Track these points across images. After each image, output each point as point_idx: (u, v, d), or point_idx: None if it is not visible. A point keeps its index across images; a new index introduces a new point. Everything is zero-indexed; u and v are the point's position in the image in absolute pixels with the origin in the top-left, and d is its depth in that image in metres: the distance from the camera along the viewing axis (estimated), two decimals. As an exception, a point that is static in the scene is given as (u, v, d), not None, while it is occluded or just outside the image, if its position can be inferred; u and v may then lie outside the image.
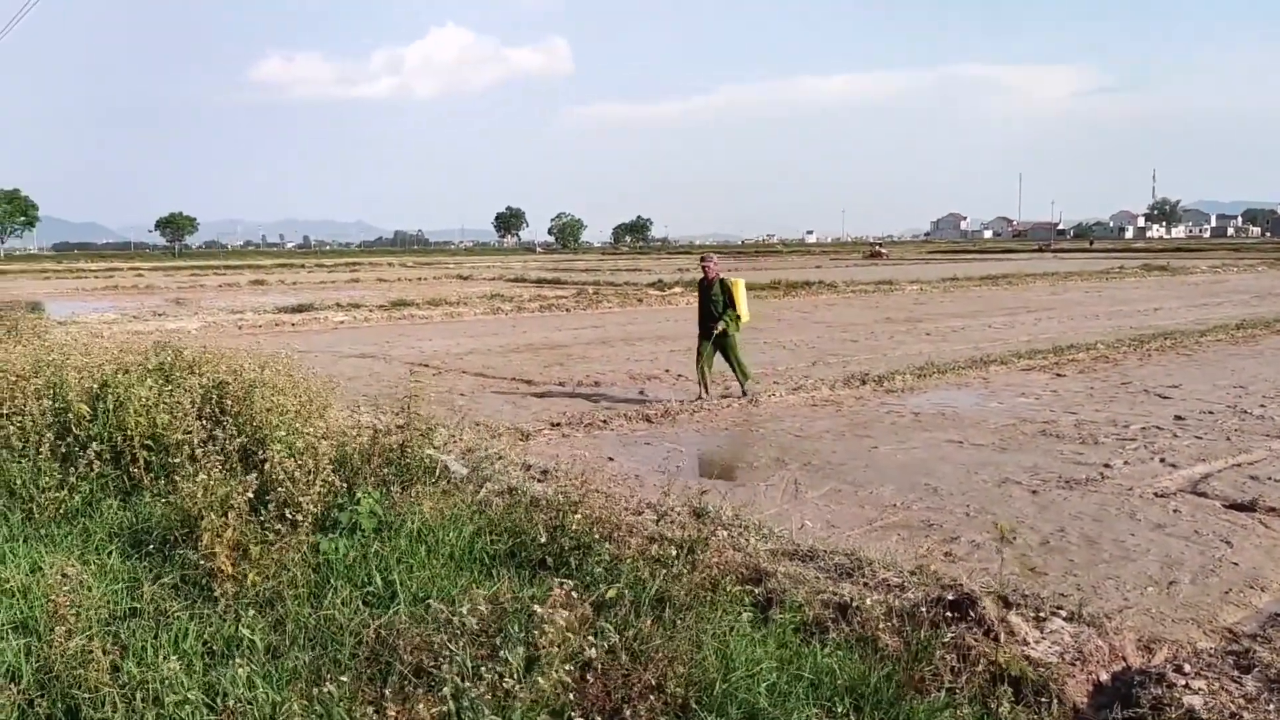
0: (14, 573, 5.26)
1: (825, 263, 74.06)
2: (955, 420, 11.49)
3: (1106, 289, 37.47)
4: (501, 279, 50.90)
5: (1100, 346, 17.76)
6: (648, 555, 5.49)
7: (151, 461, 7.11)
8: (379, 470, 6.81)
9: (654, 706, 3.81)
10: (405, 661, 3.98)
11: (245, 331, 22.85)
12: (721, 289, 12.83)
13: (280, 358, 9.11)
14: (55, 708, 3.91)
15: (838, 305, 30.44)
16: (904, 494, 8.19)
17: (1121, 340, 18.70)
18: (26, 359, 8.91)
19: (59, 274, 63.83)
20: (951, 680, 4.38)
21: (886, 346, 18.78)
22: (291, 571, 5.14)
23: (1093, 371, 15.36)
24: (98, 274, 62.22)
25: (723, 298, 12.77)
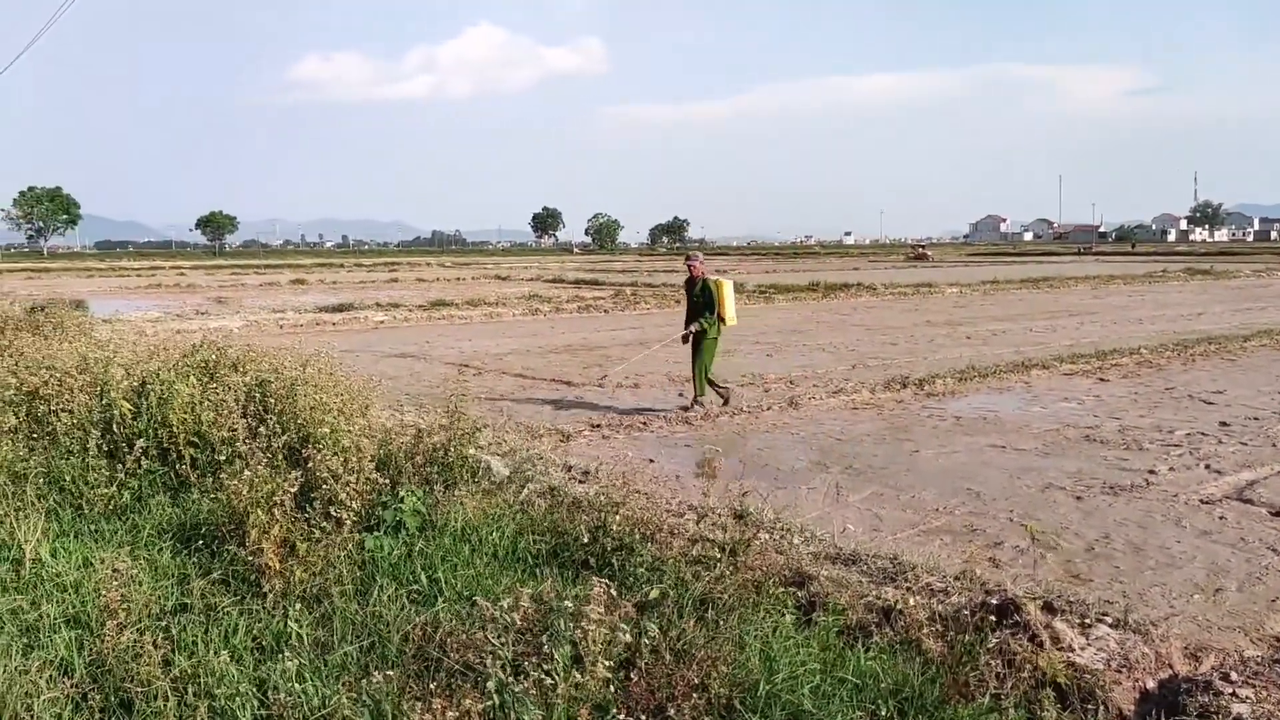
0: (65, 567, 5.36)
1: (863, 264, 73.60)
2: (997, 425, 11.37)
3: (1149, 293, 36.91)
4: (539, 279, 51.10)
5: (1144, 351, 17.49)
6: (690, 557, 5.50)
7: (197, 458, 7.21)
8: (422, 469, 6.87)
9: (697, 706, 3.81)
10: (451, 658, 4.01)
11: (286, 330, 23.11)
12: (704, 289, 12.35)
13: (322, 356, 9.20)
14: (109, 701, 3.98)
15: (877, 308, 30.22)
16: (946, 498, 8.12)
17: (1165, 345, 18.39)
18: (73, 356, 9.07)
19: (101, 272, 64.84)
20: (996, 686, 4.34)
21: (926, 349, 18.62)
22: (337, 568, 5.21)
23: (1136, 376, 15.15)
24: (140, 272, 63.21)
25: (703, 298, 12.31)
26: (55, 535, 5.93)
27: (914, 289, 37.26)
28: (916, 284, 39.62)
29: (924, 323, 24.41)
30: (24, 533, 5.59)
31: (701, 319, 12.18)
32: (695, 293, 12.38)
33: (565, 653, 3.80)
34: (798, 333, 22.20)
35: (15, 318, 17.43)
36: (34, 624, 4.68)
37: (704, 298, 12.26)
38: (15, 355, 9.85)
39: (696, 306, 12.32)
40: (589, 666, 3.73)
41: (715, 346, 12.43)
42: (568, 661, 3.79)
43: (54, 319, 17.29)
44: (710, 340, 12.27)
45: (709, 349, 12.28)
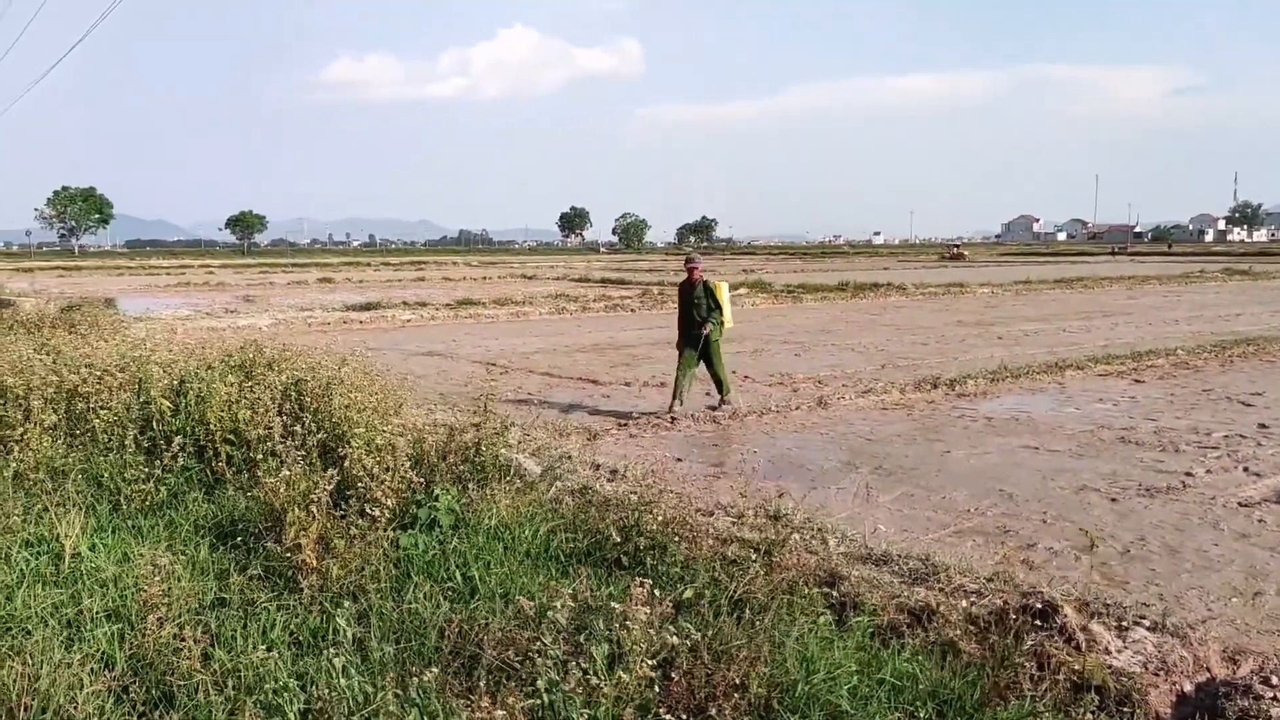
0: (105, 562, 5.43)
1: (893, 264, 73.23)
2: (1030, 426, 11.28)
3: (1186, 293, 36.49)
4: (566, 279, 51.20)
5: (1180, 352, 17.30)
6: (723, 556, 5.50)
7: (233, 456, 7.28)
8: (455, 467, 6.90)
9: (738, 705, 3.81)
10: (489, 655, 4.03)
11: (314, 329, 23.28)
12: (705, 291, 12.22)
13: (356, 355, 9.27)
14: (150, 694, 4.02)
15: (907, 307, 30.06)
16: (978, 499, 8.07)
17: (1202, 346, 18.18)
18: (112, 355, 9.18)
19: (132, 271, 65.55)
20: (1032, 688, 4.31)
21: (957, 350, 18.50)
22: (373, 566, 5.24)
23: (1173, 378, 14.98)
24: (169, 271, 63.90)
25: (706, 300, 12.16)
26: (94, 530, 6.00)
27: (944, 289, 37.04)
28: (947, 284, 39.39)
29: (955, 323, 24.26)
30: (64, 528, 5.67)
31: (710, 320, 12.08)
32: (696, 295, 12.20)
33: (604, 652, 3.80)
34: (826, 332, 22.12)
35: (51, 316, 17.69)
36: (75, 618, 4.73)
37: (710, 300, 12.15)
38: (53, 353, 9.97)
39: (698, 309, 12.13)
40: (632, 666, 3.73)
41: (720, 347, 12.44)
42: (605, 661, 3.80)
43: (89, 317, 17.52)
44: (716, 342, 12.25)
45: (719, 350, 12.28)
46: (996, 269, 61.90)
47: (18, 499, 6.22)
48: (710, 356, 12.23)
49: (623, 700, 3.67)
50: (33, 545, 5.67)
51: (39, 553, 5.57)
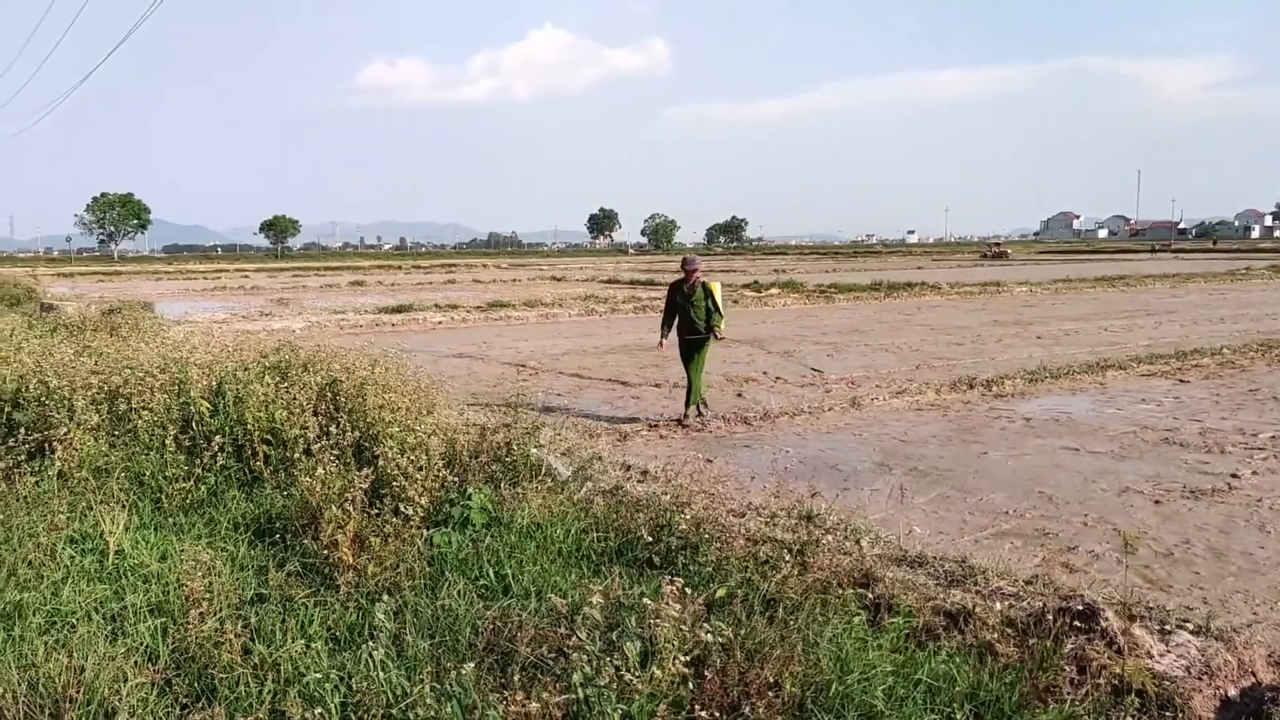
0: (147, 558, 5.51)
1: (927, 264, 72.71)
2: (1070, 427, 11.16)
3: (1231, 291, 35.94)
4: (595, 280, 51.29)
5: (1226, 351, 17.03)
6: (755, 556, 5.49)
7: (271, 455, 7.36)
8: (487, 466, 6.95)
9: (771, 704, 3.80)
10: (523, 652, 4.05)
11: (347, 331, 23.49)
12: (705, 294, 11.86)
13: (388, 356, 9.35)
14: (192, 687, 4.08)
15: (942, 307, 29.83)
16: (1016, 501, 7.99)
17: (1249, 345, 17.89)
18: (153, 356, 9.31)
19: (169, 275, 66.50)
20: (1072, 692, 4.27)
21: (994, 350, 18.34)
22: (408, 563, 5.29)
23: (1218, 377, 14.76)
24: (206, 275, 64.73)
25: (706, 302, 11.81)
26: (137, 528, 6.10)
27: (980, 288, 36.72)
28: (983, 283, 39.04)
29: (991, 322, 24.05)
30: (108, 525, 5.76)
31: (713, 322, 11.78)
32: (695, 298, 11.83)
33: (636, 649, 3.81)
34: (859, 332, 22.00)
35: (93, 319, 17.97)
36: (119, 613, 4.82)
37: (709, 301, 11.82)
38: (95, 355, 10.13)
39: (695, 310, 11.78)
40: (665, 663, 3.74)
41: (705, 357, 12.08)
42: (637, 658, 3.80)
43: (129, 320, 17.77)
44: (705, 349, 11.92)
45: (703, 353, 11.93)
46: (1035, 267, 61.32)
47: (63, 497, 6.32)
48: (695, 359, 11.86)
49: (656, 697, 3.68)
50: (78, 542, 5.78)
51: (84, 549, 5.68)
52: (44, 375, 8.32)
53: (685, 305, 11.88)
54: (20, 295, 31.62)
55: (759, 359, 17.55)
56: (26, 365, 8.94)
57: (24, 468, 6.68)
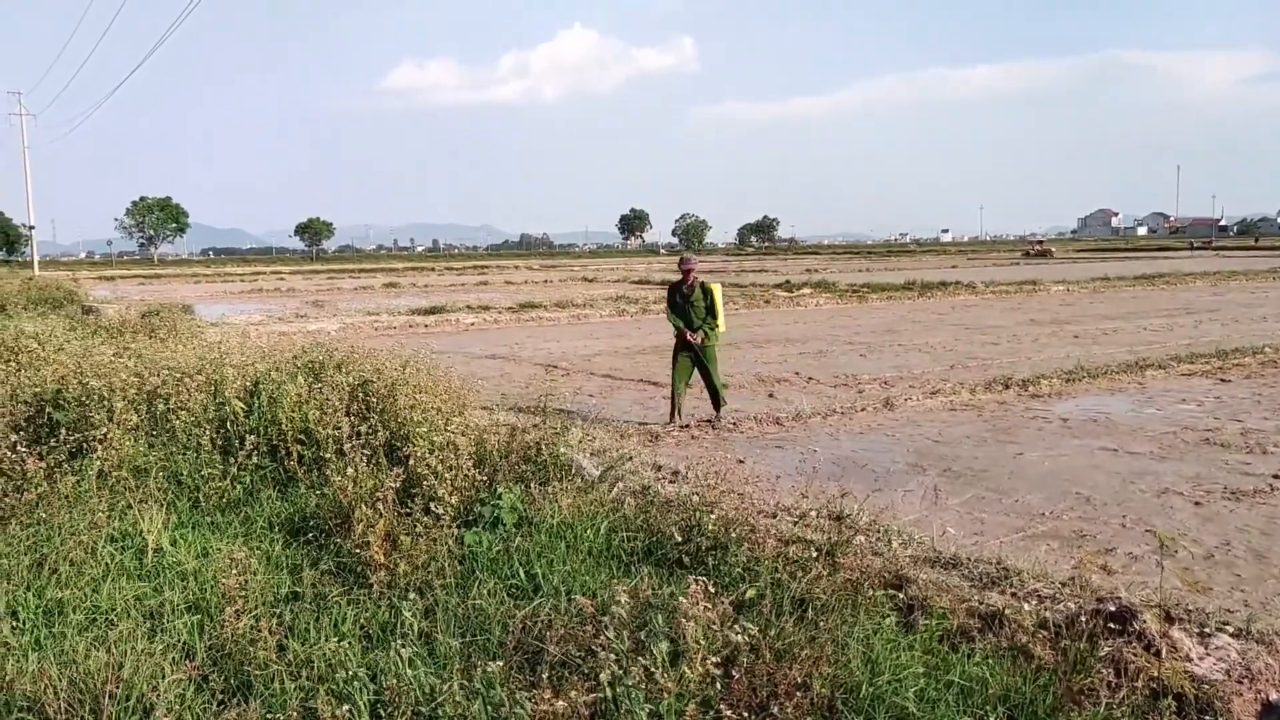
0: (184, 556, 5.59)
1: (962, 262, 72.11)
2: (1108, 427, 11.02)
3: (1274, 289, 35.36)
4: (626, 281, 51.33)
5: (1268, 350, 16.75)
6: (785, 557, 5.47)
7: (304, 455, 7.44)
8: (516, 467, 6.97)
9: (800, 704, 3.79)
10: (552, 650, 4.06)
11: (381, 333, 23.68)
12: (704, 294, 11.58)
13: (420, 357, 9.41)
14: (228, 683, 4.14)
15: (976, 306, 29.58)
16: (1053, 503, 7.90)
17: (1291, 343, 17.59)
18: (190, 358, 9.43)
19: (207, 278, 67.33)
20: (1109, 695, 4.22)
21: (1030, 349, 18.15)
22: (439, 562, 5.32)
23: (1260, 377, 14.52)
24: (243, 277, 65.51)
25: (704, 304, 11.53)
26: (175, 526, 6.20)
27: (1016, 287, 36.38)
28: (1019, 282, 38.69)
29: (1027, 321, 23.81)
30: (146, 524, 5.86)
31: (704, 325, 11.51)
32: (693, 298, 11.57)
33: (665, 648, 3.81)
34: (892, 332, 21.87)
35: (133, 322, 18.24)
36: (157, 609, 4.90)
37: (707, 301, 11.56)
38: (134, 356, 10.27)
39: (694, 311, 11.54)
40: (694, 662, 3.74)
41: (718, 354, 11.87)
42: (666, 657, 3.80)
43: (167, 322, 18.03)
44: (712, 348, 11.66)
45: (714, 355, 11.66)
46: (1072, 265, 60.68)
47: (103, 496, 6.43)
48: (706, 365, 11.57)
49: (684, 696, 3.68)
50: (117, 540, 5.88)
51: (123, 547, 5.78)
52: (84, 376, 8.45)
53: (684, 306, 11.64)
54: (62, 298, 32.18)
55: (791, 359, 17.49)
56: (67, 366, 9.09)
57: (65, 467, 6.79)
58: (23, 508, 6.27)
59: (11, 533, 6.00)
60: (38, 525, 6.06)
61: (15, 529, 6.05)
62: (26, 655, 4.26)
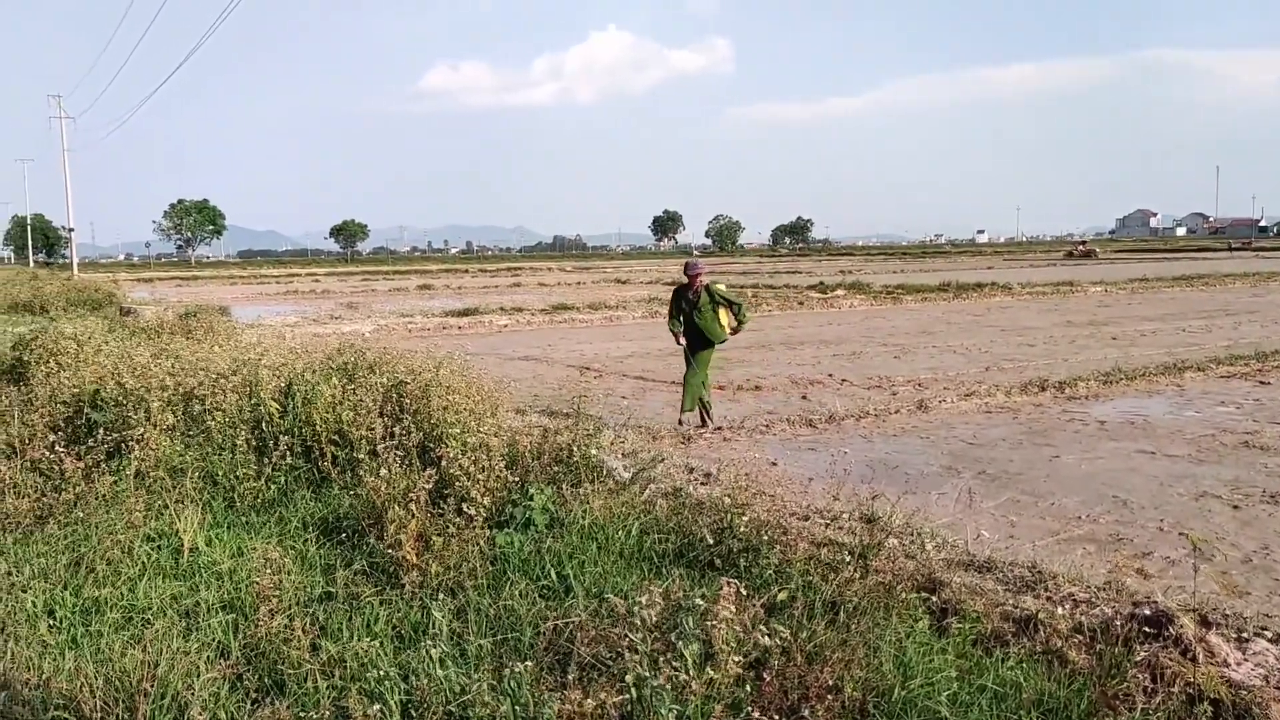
0: (220, 556, 5.65)
1: (998, 263, 71.43)
2: (1146, 430, 10.87)
3: (1315, 290, 34.75)
4: (659, 282, 51.27)
5: (1309, 352, 16.46)
6: (817, 559, 5.44)
7: (338, 456, 7.50)
8: (548, 468, 6.99)
9: (831, 708, 3.76)
10: (582, 652, 4.07)
11: (415, 334, 23.83)
12: (710, 297, 11.29)
13: (453, 359, 9.45)
14: (262, 681, 4.18)
15: (1013, 308, 29.30)
16: (1090, 506, 7.80)
17: (1333, 346, 17.26)
18: (225, 359, 9.54)
19: (244, 279, 68.16)
20: (1145, 701, 4.16)
21: (1067, 351, 17.95)
22: (470, 563, 5.34)
23: (1300, 378, 14.26)
24: (278, 279, 66.21)
25: (712, 306, 11.26)
26: (210, 526, 6.27)
27: (1053, 288, 36.01)
28: (1056, 283, 38.27)
29: (1064, 323, 23.55)
30: (182, 523, 5.93)
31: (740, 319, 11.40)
32: (700, 303, 11.26)
33: (695, 650, 3.80)
34: (927, 334, 21.70)
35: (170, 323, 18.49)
36: (192, 608, 4.96)
37: (714, 302, 11.30)
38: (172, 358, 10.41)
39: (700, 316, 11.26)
40: (723, 664, 3.73)
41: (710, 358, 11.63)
42: (697, 659, 3.79)
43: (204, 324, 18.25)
44: (707, 354, 11.45)
45: (704, 361, 11.41)
46: (1110, 266, 59.98)
47: (140, 496, 6.52)
48: (694, 365, 11.32)
49: (713, 698, 3.67)
50: (153, 540, 5.96)
51: (159, 547, 5.85)
52: (122, 377, 8.58)
53: (691, 313, 11.38)
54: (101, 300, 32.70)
55: (824, 361, 17.40)
56: (105, 367, 9.23)
57: (103, 467, 6.89)
58: (61, 507, 6.37)
59: (50, 532, 6.10)
60: (75, 525, 6.16)
61: (53, 528, 6.15)
62: (63, 653, 4.33)
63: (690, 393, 11.30)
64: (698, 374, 11.28)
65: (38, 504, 6.47)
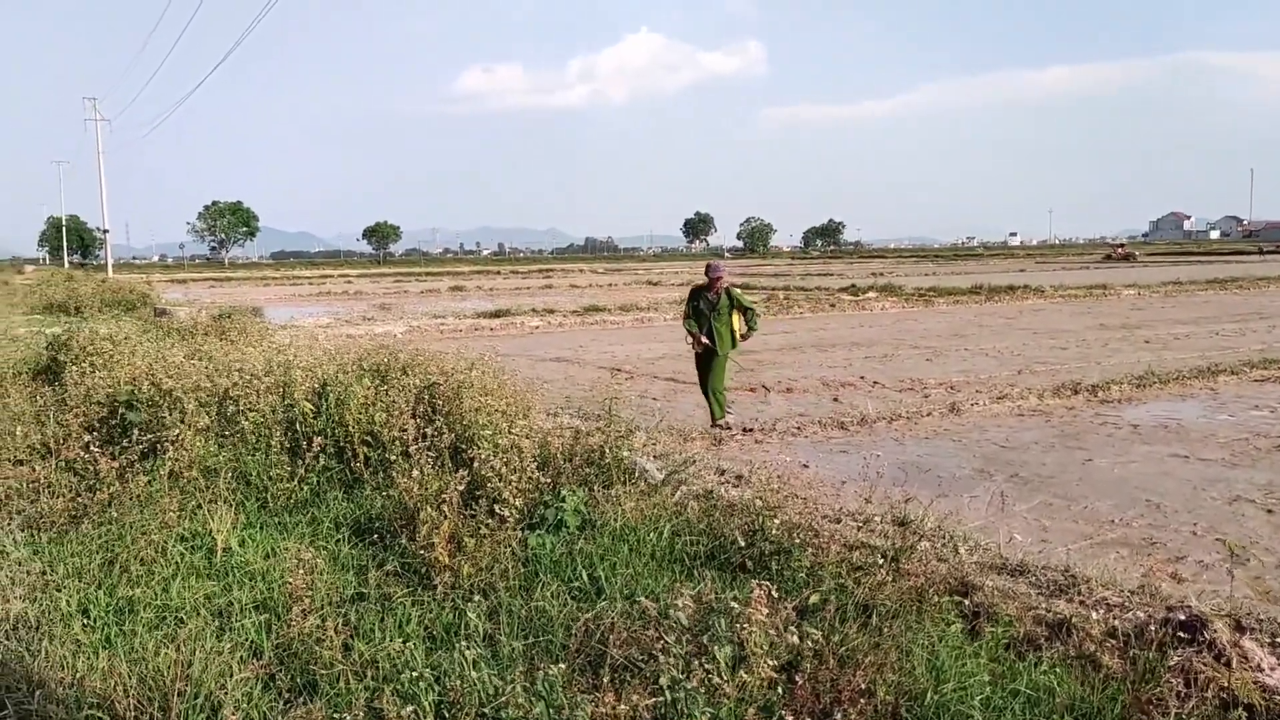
0: (253, 556, 5.70)
1: (1031, 266, 70.75)
2: (1179, 433, 10.74)
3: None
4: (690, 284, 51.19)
5: (1345, 356, 16.19)
6: (849, 562, 5.42)
7: (370, 456, 7.55)
8: (580, 470, 6.99)
9: (864, 711, 3.75)
10: (614, 654, 4.07)
11: (447, 335, 23.93)
12: (729, 299, 11.23)
13: (485, 360, 9.49)
14: (295, 681, 4.21)
15: (1045, 310, 29.02)
16: (1123, 510, 7.72)
17: (1370, 349, 16.98)
18: (259, 360, 9.63)
19: (277, 281, 68.73)
20: (1178, 706, 4.12)
21: (1100, 354, 17.76)
22: (502, 564, 5.36)
23: (1337, 383, 14.02)
24: (311, 281, 66.75)
25: (729, 308, 11.20)
26: (243, 526, 6.32)
27: (1086, 291, 35.63)
28: (1088, 286, 37.87)
29: (1097, 326, 23.31)
30: (216, 524, 5.99)
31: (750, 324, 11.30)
32: (719, 305, 11.21)
33: (727, 653, 3.80)
34: (959, 336, 21.54)
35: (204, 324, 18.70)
36: (225, 608, 5.00)
37: (731, 304, 11.25)
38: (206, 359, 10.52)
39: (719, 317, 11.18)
40: (754, 667, 3.72)
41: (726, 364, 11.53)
42: (729, 661, 3.79)
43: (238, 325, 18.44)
44: (723, 356, 11.36)
45: (722, 365, 11.36)
46: (1143, 269, 59.27)
47: (174, 496, 6.59)
48: (712, 370, 11.28)
49: (745, 701, 3.67)
50: (187, 540, 6.02)
51: (193, 547, 5.91)
52: (157, 378, 8.68)
53: (709, 314, 11.29)
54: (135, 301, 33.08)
55: (856, 363, 17.32)
56: (140, 368, 9.33)
57: (137, 467, 6.96)
58: (95, 507, 6.44)
59: (84, 531, 6.17)
60: (110, 524, 6.22)
61: (88, 528, 6.22)
62: (97, 653, 4.36)
63: (718, 399, 11.30)
64: (718, 378, 11.27)
65: (72, 504, 6.54)
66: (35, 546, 5.99)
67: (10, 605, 4.91)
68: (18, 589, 5.21)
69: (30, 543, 6.04)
